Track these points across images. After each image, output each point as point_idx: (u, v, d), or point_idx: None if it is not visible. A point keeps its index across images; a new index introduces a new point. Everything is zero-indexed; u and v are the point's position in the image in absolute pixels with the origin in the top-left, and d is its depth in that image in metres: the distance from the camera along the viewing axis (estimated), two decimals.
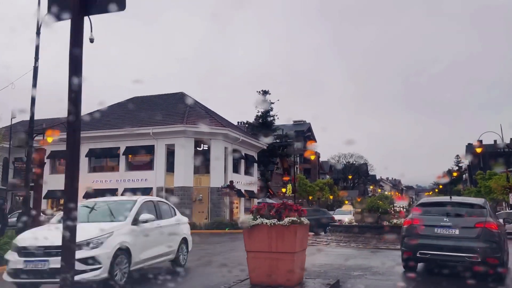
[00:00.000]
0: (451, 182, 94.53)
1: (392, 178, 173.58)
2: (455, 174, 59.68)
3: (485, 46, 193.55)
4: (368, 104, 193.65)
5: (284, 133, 43.45)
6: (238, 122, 42.63)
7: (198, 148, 31.86)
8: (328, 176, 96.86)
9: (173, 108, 33.02)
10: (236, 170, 34.75)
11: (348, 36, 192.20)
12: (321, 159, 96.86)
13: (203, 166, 31.58)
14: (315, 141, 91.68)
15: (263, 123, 42.15)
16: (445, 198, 9.82)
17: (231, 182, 28.25)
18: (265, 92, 42.46)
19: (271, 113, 42.55)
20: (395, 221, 16.81)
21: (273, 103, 42.13)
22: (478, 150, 29.83)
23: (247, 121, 42.20)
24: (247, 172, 37.00)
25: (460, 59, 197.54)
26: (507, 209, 39.53)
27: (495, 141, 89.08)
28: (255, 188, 37.81)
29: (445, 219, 8.04)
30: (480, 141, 31.58)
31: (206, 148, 31.69)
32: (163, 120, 30.80)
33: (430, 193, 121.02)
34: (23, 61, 17.96)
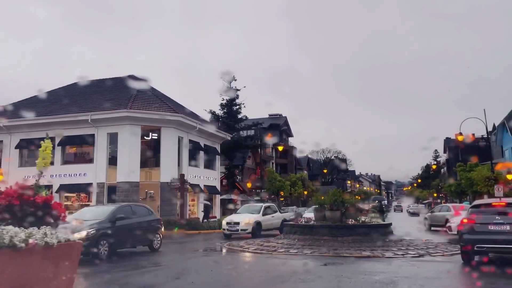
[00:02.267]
0: (430, 176, 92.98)
1: (372, 174, 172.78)
2: (434, 166, 57.33)
3: (465, 42, 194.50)
4: (346, 101, 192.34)
5: (253, 123, 39.69)
6: (208, 111, 38.71)
7: (146, 138, 27.87)
8: (305, 172, 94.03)
9: (119, 93, 28.88)
10: (194, 163, 30.89)
11: (325, 31, 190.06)
12: (299, 155, 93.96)
13: (152, 159, 27.63)
14: (292, 135, 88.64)
15: (229, 112, 38.34)
16: (493, 200, 11.15)
17: (182, 175, 24.42)
18: (231, 78, 38.62)
19: (238, 101, 38.74)
20: (363, 218, 13.39)
21: (238, 89, 38.34)
22: (460, 138, 26.87)
23: (210, 110, 38.30)
24: (208, 166, 33.20)
25: (436, 54, 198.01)
26: None
27: (473, 134, 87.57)
28: (217, 183, 34.04)
29: (497, 217, 9.44)
30: (460, 133, 28.59)
31: (156, 137, 27.70)
32: (105, 105, 26.63)
33: (409, 188, 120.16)
34: None
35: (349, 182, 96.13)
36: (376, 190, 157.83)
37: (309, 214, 30.07)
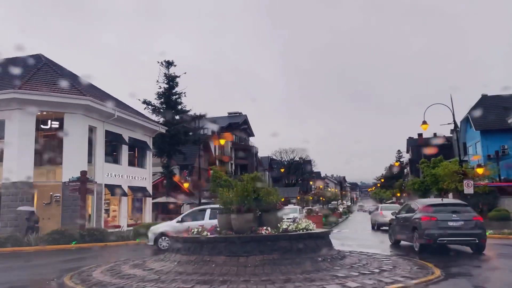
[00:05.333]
0: (393, 176, 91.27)
1: (337, 175, 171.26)
2: (396, 164, 54.52)
3: (429, 42, 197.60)
4: (311, 103, 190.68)
5: (195, 114, 34.62)
6: (142, 101, 33.26)
7: (44, 126, 22.35)
8: (265, 172, 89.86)
9: (15, 72, 23.16)
10: (113, 159, 25.60)
11: (287, 32, 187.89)
12: (261, 155, 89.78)
13: (54, 153, 22.13)
14: (253, 135, 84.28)
15: (167, 103, 33.18)
16: (447, 200, 15.00)
17: (83, 173, 19.09)
18: (169, 64, 33.51)
19: (177, 90, 33.66)
20: (285, 225, 8.80)
21: (178, 76, 33.24)
22: (424, 127, 23.33)
23: (144, 100, 32.98)
24: (134, 163, 27.97)
25: (399, 56, 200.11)
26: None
27: (434, 134, 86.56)
28: (148, 184, 28.80)
29: (453, 216, 11.83)
30: (424, 121, 24.94)
31: (57, 126, 22.24)
32: None
33: (373, 188, 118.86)
34: None
35: (311, 182, 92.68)
36: (342, 192, 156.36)
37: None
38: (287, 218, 27.94)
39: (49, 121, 22.12)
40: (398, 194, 63.93)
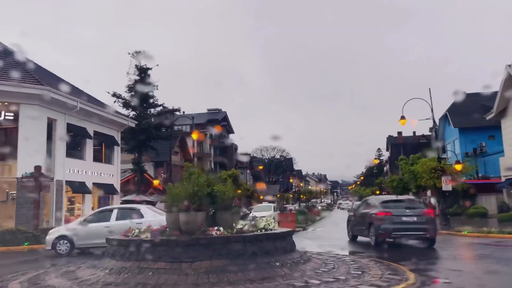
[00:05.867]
0: (373, 174, 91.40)
1: (318, 173, 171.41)
2: (376, 161, 54.20)
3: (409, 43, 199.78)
4: (293, 101, 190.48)
5: (168, 109, 33.14)
6: (111, 94, 31.56)
7: None
8: (248, 171, 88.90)
9: None
10: (76, 154, 24.00)
11: (268, 30, 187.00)
12: (242, 152, 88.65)
13: (9, 147, 20.43)
14: (232, 132, 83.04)
15: (138, 96, 31.58)
16: (401, 197, 15.95)
17: (38, 168, 17.54)
18: (141, 55, 31.89)
19: (149, 81, 32.07)
20: (241, 225, 7.69)
21: (150, 68, 31.70)
22: (402, 122, 22.68)
23: (114, 92, 31.30)
24: (101, 159, 26.41)
25: (382, 56, 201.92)
26: (431, 199, 33.49)
27: (414, 132, 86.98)
28: (116, 181, 27.28)
29: (407, 211, 12.47)
30: (403, 116, 24.29)
31: (12, 118, 20.54)
32: None
33: (353, 186, 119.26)
34: None
35: (291, 179, 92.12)
36: (322, 189, 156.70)
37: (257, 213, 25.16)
38: (261, 216, 26.95)
39: (3, 112, 20.36)
40: (378, 192, 63.81)
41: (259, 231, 7.58)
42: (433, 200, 30.85)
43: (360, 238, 14.51)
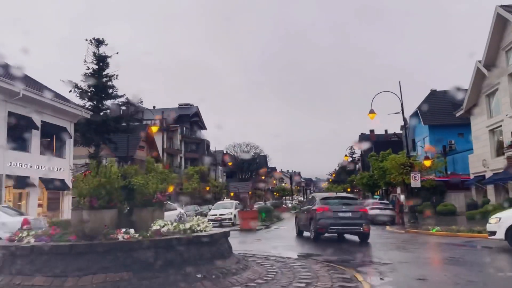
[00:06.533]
0: (346, 172, 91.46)
1: (292, 171, 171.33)
2: (346, 158, 53.82)
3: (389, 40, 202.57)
4: (267, 99, 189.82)
5: (129, 100, 31.05)
6: (66, 82, 29.14)
7: None
8: (220, 168, 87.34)
9: None
10: (21, 146, 21.85)
11: (242, 26, 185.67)
12: (214, 149, 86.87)
13: None
14: (205, 128, 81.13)
15: (95, 86, 29.37)
16: (340, 194, 16.79)
17: None
18: (99, 42, 29.66)
19: (108, 72, 29.93)
20: (158, 225, 6.19)
21: (109, 56, 29.49)
22: (372, 116, 21.79)
23: (69, 81, 28.90)
24: (51, 152, 24.28)
25: (354, 54, 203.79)
26: (400, 196, 32.88)
27: (385, 130, 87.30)
28: (68, 176, 25.18)
29: (343, 207, 13.34)
30: (372, 110, 23.40)
31: None
32: None
33: (326, 184, 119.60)
34: None
35: (262, 177, 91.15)
36: (296, 187, 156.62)
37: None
38: (220, 214, 25.39)
39: None
40: (349, 189, 63.56)
41: (183, 232, 6.10)
42: (402, 198, 30.23)
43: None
